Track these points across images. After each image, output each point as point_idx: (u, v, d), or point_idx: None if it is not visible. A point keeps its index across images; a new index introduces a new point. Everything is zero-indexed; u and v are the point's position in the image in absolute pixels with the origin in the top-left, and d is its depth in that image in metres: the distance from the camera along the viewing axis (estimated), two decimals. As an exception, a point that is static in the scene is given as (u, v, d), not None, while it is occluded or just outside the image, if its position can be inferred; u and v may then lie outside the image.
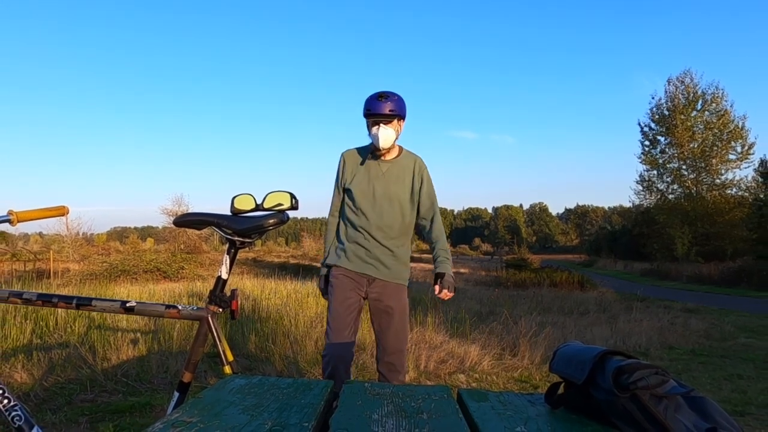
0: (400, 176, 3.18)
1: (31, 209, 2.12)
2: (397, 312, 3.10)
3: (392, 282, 3.12)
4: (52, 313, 6.05)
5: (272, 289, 10.69)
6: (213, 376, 4.74)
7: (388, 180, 3.15)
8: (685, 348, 7.63)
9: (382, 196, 3.12)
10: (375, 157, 3.19)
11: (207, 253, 28.02)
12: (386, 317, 3.10)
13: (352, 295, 3.07)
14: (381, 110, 2.99)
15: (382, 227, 3.11)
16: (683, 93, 38.01)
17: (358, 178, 3.17)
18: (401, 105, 3.07)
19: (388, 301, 3.09)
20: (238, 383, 1.38)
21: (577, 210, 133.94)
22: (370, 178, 3.15)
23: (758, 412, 4.48)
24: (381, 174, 3.16)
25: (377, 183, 3.14)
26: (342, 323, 3.02)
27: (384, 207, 3.12)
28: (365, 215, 3.11)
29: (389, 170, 3.18)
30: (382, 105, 3.00)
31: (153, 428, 1.02)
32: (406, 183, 3.18)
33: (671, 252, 33.75)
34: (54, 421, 3.65)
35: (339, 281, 3.10)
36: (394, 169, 3.19)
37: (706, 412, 0.99)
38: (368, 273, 3.09)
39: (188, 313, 2.00)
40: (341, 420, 1.10)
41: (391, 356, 3.11)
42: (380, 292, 3.10)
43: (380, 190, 3.12)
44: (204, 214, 2.06)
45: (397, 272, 3.15)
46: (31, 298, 1.99)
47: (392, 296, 3.11)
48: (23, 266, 23.93)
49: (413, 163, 3.22)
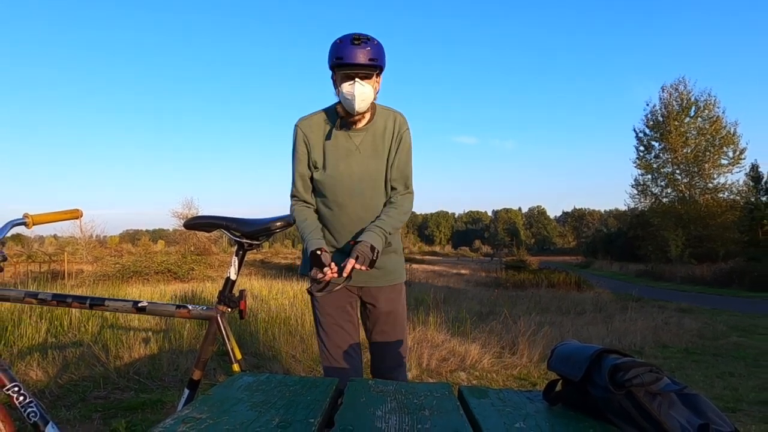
0: (378, 146, 2.35)
1: (46, 212, 2.12)
2: (396, 321, 2.45)
3: (387, 286, 2.41)
4: (67, 312, 6.07)
5: (279, 289, 10.70)
6: (222, 374, 4.74)
7: (365, 155, 2.33)
8: (679, 347, 7.61)
9: (359, 179, 2.31)
10: (344, 125, 2.32)
11: (216, 255, 28.02)
12: (382, 327, 2.44)
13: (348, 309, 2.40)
14: (357, 59, 2.14)
15: (366, 222, 2.29)
16: (677, 100, 37.98)
17: (328, 159, 2.32)
18: (382, 52, 2.24)
19: (385, 308, 2.41)
20: (247, 381, 1.38)
21: (574, 213, 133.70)
22: (341, 157, 2.32)
23: (749, 408, 4.47)
24: (354, 148, 2.33)
25: (352, 162, 2.31)
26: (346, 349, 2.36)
27: (365, 193, 2.33)
28: (343, 208, 2.32)
29: (364, 141, 2.34)
30: (359, 51, 2.15)
31: (164, 424, 1.02)
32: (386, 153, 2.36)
33: (665, 254, 33.69)
34: (68, 418, 3.66)
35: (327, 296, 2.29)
36: (370, 137, 2.35)
37: (698, 409, 0.99)
38: (359, 284, 2.35)
39: (198, 312, 2.01)
40: (346, 416, 1.10)
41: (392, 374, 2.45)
42: (375, 297, 2.40)
43: (357, 170, 2.31)
44: (213, 217, 2.06)
45: (391, 270, 2.42)
46: (46, 298, 2.00)
47: (389, 302, 2.42)
48: (38, 267, 23.99)
49: (392, 123, 2.38)
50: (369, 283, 2.37)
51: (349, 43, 2.15)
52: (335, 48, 2.18)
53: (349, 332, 2.37)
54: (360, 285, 2.36)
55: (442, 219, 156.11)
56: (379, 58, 2.21)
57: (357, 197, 2.31)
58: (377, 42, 2.22)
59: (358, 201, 2.31)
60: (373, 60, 2.17)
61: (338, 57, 2.15)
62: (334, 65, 2.20)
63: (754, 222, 30.60)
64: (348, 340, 2.36)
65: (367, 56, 2.15)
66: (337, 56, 2.16)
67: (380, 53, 2.22)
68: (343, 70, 2.18)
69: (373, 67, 2.19)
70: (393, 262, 2.44)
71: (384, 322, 2.43)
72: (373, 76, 2.23)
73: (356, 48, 2.14)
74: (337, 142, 2.33)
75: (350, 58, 2.13)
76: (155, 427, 1.00)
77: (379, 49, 2.22)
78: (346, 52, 2.14)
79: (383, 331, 2.44)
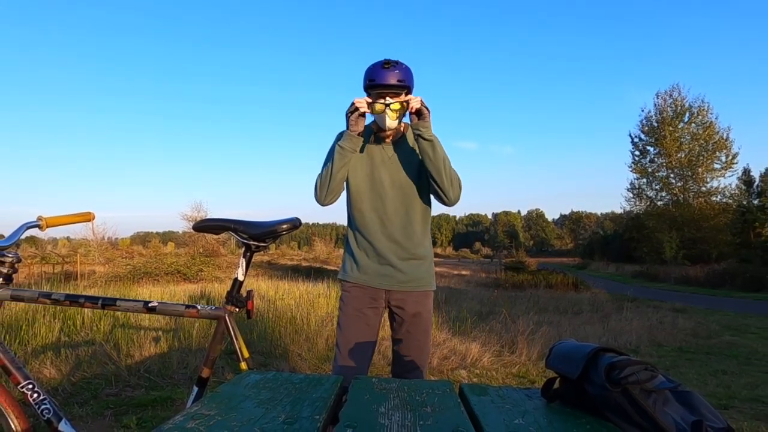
0: (409, 159, 2.49)
1: (59, 215, 2.12)
2: (420, 323, 2.48)
3: (415, 291, 2.47)
4: (79, 312, 6.08)
5: (286, 290, 10.69)
6: (230, 372, 4.74)
7: (397, 166, 2.48)
8: (673, 345, 7.60)
9: (391, 186, 2.46)
10: (378, 140, 2.51)
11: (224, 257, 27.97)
12: (407, 328, 2.48)
13: (368, 313, 2.45)
14: (387, 80, 2.32)
15: (396, 226, 2.45)
16: (671, 106, 38.09)
17: (359, 167, 2.48)
18: (410, 75, 2.40)
19: (411, 311, 2.46)
20: (254, 378, 1.38)
21: (571, 216, 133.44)
22: (373, 166, 2.48)
23: (741, 405, 4.47)
24: (386, 159, 2.48)
25: (383, 171, 2.47)
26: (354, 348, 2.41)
27: (396, 201, 2.46)
28: (374, 213, 2.45)
29: (394, 154, 2.50)
30: (389, 74, 2.33)
31: (174, 421, 1.02)
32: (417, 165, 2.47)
33: (660, 255, 33.62)
34: (81, 414, 3.66)
35: (351, 296, 2.47)
36: (402, 151, 2.50)
37: (692, 406, 0.99)
38: (385, 287, 2.45)
39: (207, 312, 2.00)
40: (350, 413, 1.10)
41: (410, 374, 2.51)
42: (402, 300, 2.46)
43: (388, 179, 2.46)
44: (221, 220, 2.06)
45: (419, 276, 2.48)
46: (59, 298, 2.00)
47: (416, 305, 2.47)
48: (52, 269, 23.99)
49: None
50: (398, 287, 2.46)
51: (380, 67, 2.34)
52: (368, 72, 2.38)
53: (364, 334, 2.43)
54: (388, 288, 2.46)
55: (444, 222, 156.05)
56: (407, 79, 2.37)
57: (387, 205, 2.46)
58: (405, 66, 2.39)
59: (388, 207, 2.46)
60: (401, 81, 2.34)
61: (371, 79, 2.35)
62: (368, 86, 2.38)
63: (746, 224, 30.50)
64: (360, 341, 2.42)
65: (396, 78, 2.33)
66: (369, 78, 2.36)
67: (408, 75, 2.38)
68: (375, 90, 2.36)
69: (401, 87, 2.36)
70: (422, 270, 2.51)
71: (409, 323, 2.48)
72: (402, 94, 2.37)
73: (386, 71, 2.33)
74: (371, 153, 2.50)
75: (381, 80, 2.32)
76: (165, 424, 1.00)
77: (407, 71, 2.39)
78: (377, 75, 2.33)
79: (408, 332, 2.49)
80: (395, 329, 2.54)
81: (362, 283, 2.47)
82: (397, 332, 2.52)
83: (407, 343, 2.50)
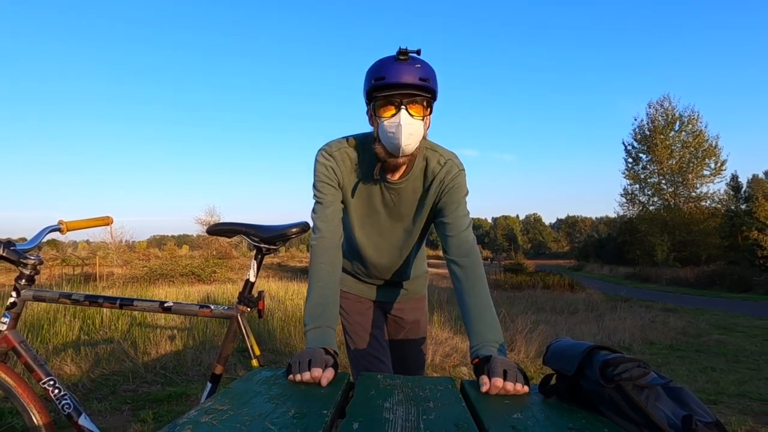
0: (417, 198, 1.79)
1: (79, 219, 2.13)
2: (419, 329, 2.21)
3: (412, 298, 2.19)
4: (98, 312, 6.09)
5: (295, 290, 10.70)
6: (242, 369, 4.74)
7: (399, 206, 1.79)
8: (665, 343, 7.57)
9: (390, 227, 1.86)
10: (383, 170, 1.69)
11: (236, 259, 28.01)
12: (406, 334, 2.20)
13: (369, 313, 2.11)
14: (403, 77, 1.48)
15: (391, 267, 1.99)
16: (662, 115, 38.04)
17: (356, 200, 1.78)
18: (434, 74, 1.55)
19: (410, 318, 2.18)
20: (265, 375, 1.38)
21: (567, 220, 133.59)
22: (372, 205, 1.80)
23: (729, 400, 4.46)
24: (389, 200, 1.78)
25: (383, 211, 1.82)
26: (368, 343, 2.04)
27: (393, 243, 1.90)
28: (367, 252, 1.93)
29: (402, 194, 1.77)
30: (406, 69, 1.48)
31: (188, 415, 1.02)
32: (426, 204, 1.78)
33: (652, 257, 33.53)
34: (100, 409, 3.67)
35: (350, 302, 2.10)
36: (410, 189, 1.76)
37: (683, 401, 0.99)
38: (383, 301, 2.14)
39: (220, 312, 2.01)
40: (356, 408, 1.10)
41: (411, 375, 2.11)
42: (401, 309, 2.16)
43: (386, 221, 1.84)
44: (234, 224, 2.07)
45: (416, 290, 2.19)
46: (79, 298, 2.00)
47: (415, 311, 2.20)
48: (72, 270, 24.08)
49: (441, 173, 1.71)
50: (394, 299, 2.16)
51: (393, 60, 1.51)
52: (375, 69, 1.54)
53: (377, 337, 2.07)
54: (385, 301, 2.15)
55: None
56: (432, 79, 1.54)
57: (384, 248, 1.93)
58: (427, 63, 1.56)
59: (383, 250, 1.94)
60: (424, 80, 1.50)
61: (380, 76, 1.50)
62: (373, 88, 1.53)
63: (734, 228, 30.50)
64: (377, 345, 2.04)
65: (415, 76, 1.49)
66: (376, 77, 1.51)
67: (433, 75, 1.55)
68: (384, 92, 1.52)
69: (424, 90, 1.52)
70: (419, 285, 2.22)
71: (408, 330, 2.20)
72: (423, 103, 1.56)
73: (402, 66, 1.49)
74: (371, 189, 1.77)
75: (395, 77, 1.49)
76: (180, 418, 1.00)
77: (430, 69, 1.55)
78: (388, 71, 1.50)
79: (407, 337, 2.21)
80: (392, 334, 2.23)
81: (359, 294, 2.11)
82: (396, 338, 2.22)
83: (406, 348, 2.21)
